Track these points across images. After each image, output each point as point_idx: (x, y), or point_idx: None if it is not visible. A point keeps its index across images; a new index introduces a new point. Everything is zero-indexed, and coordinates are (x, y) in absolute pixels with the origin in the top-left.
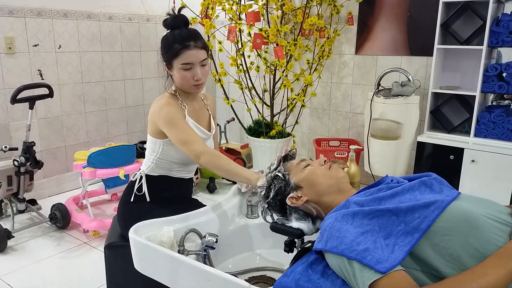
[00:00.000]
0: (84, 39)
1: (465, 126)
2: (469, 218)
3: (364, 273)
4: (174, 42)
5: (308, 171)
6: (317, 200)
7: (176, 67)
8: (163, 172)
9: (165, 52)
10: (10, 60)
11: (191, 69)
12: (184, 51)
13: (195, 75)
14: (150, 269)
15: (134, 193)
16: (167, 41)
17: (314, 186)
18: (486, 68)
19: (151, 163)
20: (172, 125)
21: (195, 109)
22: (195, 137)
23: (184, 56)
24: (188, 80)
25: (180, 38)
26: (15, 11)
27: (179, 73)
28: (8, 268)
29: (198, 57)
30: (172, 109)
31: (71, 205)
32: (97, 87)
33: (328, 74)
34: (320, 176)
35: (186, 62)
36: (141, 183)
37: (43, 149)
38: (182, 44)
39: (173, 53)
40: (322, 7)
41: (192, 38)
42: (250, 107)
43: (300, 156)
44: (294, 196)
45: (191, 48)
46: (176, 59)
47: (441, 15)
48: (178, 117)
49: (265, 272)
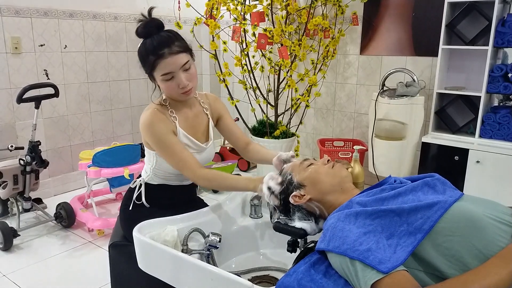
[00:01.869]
0: (89, 39)
1: (470, 126)
2: (472, 219)
3: (367, 273)
4: (148, 54)
5: (311, 169)
6: (320, 199)
7: (158, 78)
8: (162, 181)
9: (143, 66)
10: (16, 60)
11: (174, 78)
12: (159, 62)
13: (179, 83)
14: (154, 268)
15: (133, 202)
16: (141, 54)
17: (317, 184)
18: (492, 69)
19: (150, 172)
20: (161, 147)
21: (188, 118)
22: (186, 161)
23: (161, 67)
24: (174, 90)
25: (152, 48)
26: (22, 11)
27: (162, 84)
28: (14, 266)
29: (177, 64)
30: (161, 127)
31: (76, 204)
32: (102, 87)
33: (333, 74)
34: (323, 174)
35: (165, 73)
36: (140, 191)
37: (49, 149)
38: (155, 54)
39: (149, 66)
40: (326, 7)
41: (165, 45)
42: (254, 107)
43: (303, 157)
44: (297, 195)
45: (166, 56)
46: (155, 71)
47: (446, 15)
48: (167, 138)
49: (268, 272)
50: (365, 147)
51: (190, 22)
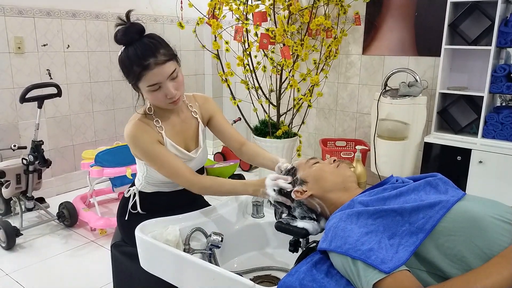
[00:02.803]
0: (92, 39)
1: (473, 127)
2: (474, 219)
3: (368, 272)
4: (132, 64)
5: (316, 167)
6: (322, 196)
7: (143, 89)
8: (156, 189)
9: (126, 77)
10: (19, 60)
11: (161, 88)
12: (145, 73)
13: (167, 94)
14: (156, 268)
15: (128, 211)
16: (124, 64)
17: (320, 181)
18: (494, 69)
19: (142, 180)
20: (150, 159)
21: (176, 125)
22: (179, 169)
23: (147, 78)
24: (161, 100)
25: (136, 58)
26: (25, 11)
27: (148, 95)
28: (16, 265)
29: (164, 74)
30: (145, 138)
31: (79, 204)
32: (105, 86)
33: (335, 74)
34: (327, 172)
35: (152, 84)
36: (135, 200)
37: (51, 148)
38: (140, 65)
39: (134, 77)
40: (329, 7)
41: (150, 54)
42: (256, 107)
43: (306, 157)
44: (299, 190)
45: (152, 67)
46: (140, 83)
47: (449, 15)
48: (154, 148)
49: (270, 272)
50: (367, 147)
51: (193, 22)
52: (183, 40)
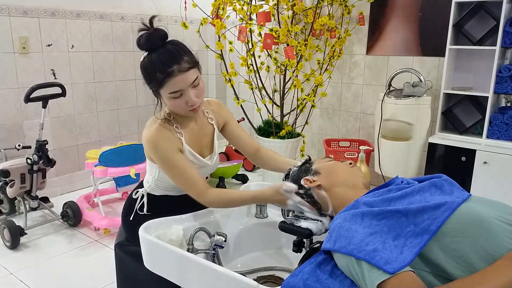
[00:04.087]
0: (96, 39)
1: (478, 127)
2: (479, 220)
3: (373, 273)
4: (155, 71)
5: (331, 162)
6: (329, 188)
7: (164, 96)
8: (164, 192)
9: (148, 83)
10: (24, 60)
11: (182, 95)
12: (168, 80)
13: (188, 101)
14: (160, 267)
15: (135, 211)
16: (146, 70)
17: (331, 174)
18: (499, 69)
19: (151, 182)
20: (167, 167)
21: (194, 132)
22: (194, 181)
23: (169, 85)
24: (182, 108)
25: (160, 64)
26: (29, 11)
27: (169, 101)
28: (21, 264)
29: (187, 82)
30: (167, 146)
31: (83, 203)
32: (109, 86)
33: (339, 74)
34: (340, 168)
35: (174, 91)
36: (142, 201)
37: (56, 148)
38: (164, 72)
39: (156, 83)
40: (333, 7)
41: (174, 61)
42: (260, 107)
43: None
44: (309, 178)
45: (176, 74)
46: (161, 89)
47: (454, 15)
48: (173, 157)
49: (274, 272)
50: (371, 148)
51: (196, 22)
52: (187, 40)
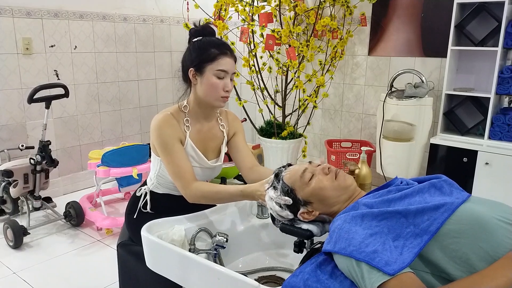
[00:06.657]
0: (99, 40)
1: (479, 128)
2: (479, 221)
3: (373, 274)
4: (211, 47)
5: (315, 184)
6: (328, 210)
7: (209, 72)
8: (166, 191)
9: (198, 55)
10: (27, 61)
11: (224, 79)
12: (222, 57)
13: (225, 86)
14: (162, 267)
15: (139, 209)
16: (202, 44)
17: (324, 200)
18: (501, 70)
19: (154, 179)
20: (163, 152)
21: (201, 131)
22: (182, 172)
23: (221, 62)
24: (218, 90)
25: (217, 44)
26: (33, 12)
27: (209, 81)
28: (24, 264)
29: (232, 68)
30: (168, 132)
31: (85, 203)
32: (111, 87)
33: (341, 75)
34: (328, 189)
35: (222, 69)
36: (146, 199)
37: (59, 148)
38: (220, 49)
39: (208, 57)
40: (335, 8)
41: (228, 47)
42: (262, 108)
43: (311, 157)
44: (305, 211)
45: (228, 55)
46: (211, 64)
47: (456, 16)
48: (172, 144)
49: (275, 272)
50: (373, 148)
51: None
52: None
